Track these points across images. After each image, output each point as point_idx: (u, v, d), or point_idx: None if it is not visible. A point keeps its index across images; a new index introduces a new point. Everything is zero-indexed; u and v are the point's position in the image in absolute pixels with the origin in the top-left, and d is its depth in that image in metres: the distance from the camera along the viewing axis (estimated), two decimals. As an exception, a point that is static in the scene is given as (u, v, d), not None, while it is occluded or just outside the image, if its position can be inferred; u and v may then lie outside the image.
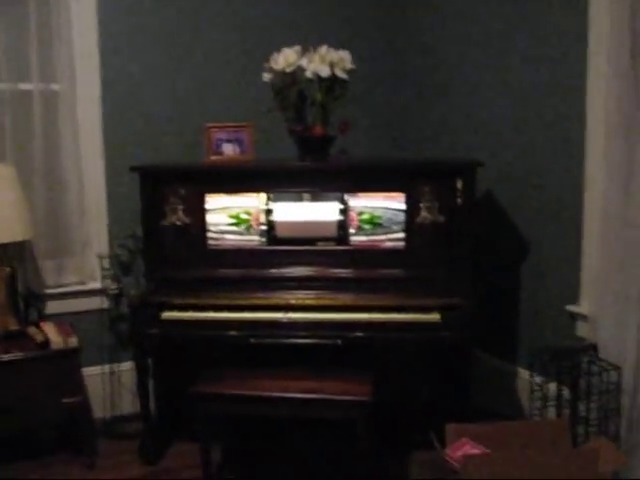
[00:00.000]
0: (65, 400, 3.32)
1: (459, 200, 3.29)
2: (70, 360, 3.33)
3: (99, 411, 3.88)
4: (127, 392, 3.92)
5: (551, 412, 3.08)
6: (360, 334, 3.15)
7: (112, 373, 3.89)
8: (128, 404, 3.92)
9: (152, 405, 3.50)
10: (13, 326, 3.42)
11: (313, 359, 3.24)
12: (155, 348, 3.44)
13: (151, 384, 3.52)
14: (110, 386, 3.89)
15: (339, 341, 3.15)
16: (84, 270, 3.86)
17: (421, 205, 3.29)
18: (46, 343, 3.31)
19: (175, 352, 3.53)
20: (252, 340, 3.18)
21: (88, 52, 3.70)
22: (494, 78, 3.78)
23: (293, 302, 3.26)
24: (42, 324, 3.51)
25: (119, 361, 3.89)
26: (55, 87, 3.66)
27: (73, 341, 3.33)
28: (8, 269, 3.42)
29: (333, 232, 3.41)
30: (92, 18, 3.69)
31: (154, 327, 3.24)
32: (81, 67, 3.70)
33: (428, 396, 3.41)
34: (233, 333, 3.20)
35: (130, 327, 3.37)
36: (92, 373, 3.85)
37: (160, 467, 3.40)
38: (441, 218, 3.28)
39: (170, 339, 3.31)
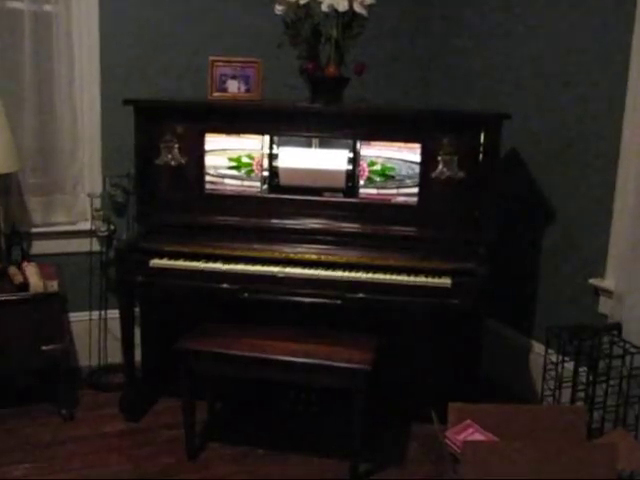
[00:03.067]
0: (44, 347, 3.09)
1: (481, 156, 2.98)
2: (50, 305, 3.09)
3: (85, 359, 3.68)
4: (115, 341, 3.69)
5: (565, 394, 2.80)
6: (362, 295, 2.87)
7: (101, 320, 3.66)
8: (116, 353, 3.68)
9: (139, 357, 3.29)
10: (-8, 264, 3.19)
11: (311, 320, 2.99)
12: (142, 297, 3.21)
13: (139, 335, 3.30)
14: (98, 334, 3.67)
15: (339, 301, 2.88)
16: (74, 209, 3.61)
17: (439, 158, 2.98)
18: (25, 285, 3.07)
19: (164, 302, 3.29)
20: (245, 295, 2.93)
21: (87, -28, 3.39)
22: (528, 27, 3.43)
23: (292, 256, 2.99)
24: (25, 265, 3.26)
25: (108, 308, 3.66)
26: (48, 8, 3.35)
27: (53, 285, 3.09)
28: (-10, 203, 3.17)
29: (341, 182, 3.13)
30: None
31: (140, 274, 3.00)
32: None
33: (436, 366, 3.14)
34: (225, 286, 2.94)
35: (116, 273, 3.11)
36: (80, 319, 3.66)
37: (141, 424, 3.18)
38: (460, 174, 2.97)
39: (157, 288, 3.06)
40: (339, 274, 2.91)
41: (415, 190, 3.07)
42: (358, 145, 3.10)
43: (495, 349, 3.48)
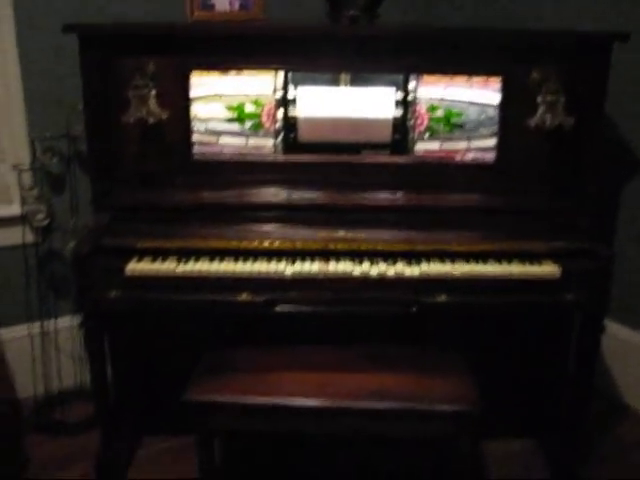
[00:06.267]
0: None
1: (588, 94, 2.15)
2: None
3: (27, 389, 2.74)
4: (67, 358, 2.76)
5: None
6: (445, 298, 2.02)
7: (44, 333, 2.71)
8: (69, 375, 2.77)
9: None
10: None
11: (363, 336, 2.15)
12: (116, 318, 2.26)
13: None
14: (41, 351, 2.72)
15: (414, 309, 2.03)
16: (-6, 188, 2.60)
17: (539, 99, 2.11)
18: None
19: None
20: (278, 309, 2.02)
21: None
22: None
23: (332, 247, 2.10)
24: None
25: (53, 316, 2.71)
26: None
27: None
28: None
29: (387, 135, 2.24)
30: None
31: (113, 288, 2.03)
32: None
33: (532, 381, 2.38)
34: (244, 298, 2.02)
35: (77, 288, 2.11)
36: (15, 335, 2.74)
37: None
38: (569, 120, 2.11)
39: (139, 306, 2.10)
40: (409, 270, 2.04)
41: (492, 143, 2.22)
42: (411, 81, 2.19)
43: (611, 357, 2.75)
